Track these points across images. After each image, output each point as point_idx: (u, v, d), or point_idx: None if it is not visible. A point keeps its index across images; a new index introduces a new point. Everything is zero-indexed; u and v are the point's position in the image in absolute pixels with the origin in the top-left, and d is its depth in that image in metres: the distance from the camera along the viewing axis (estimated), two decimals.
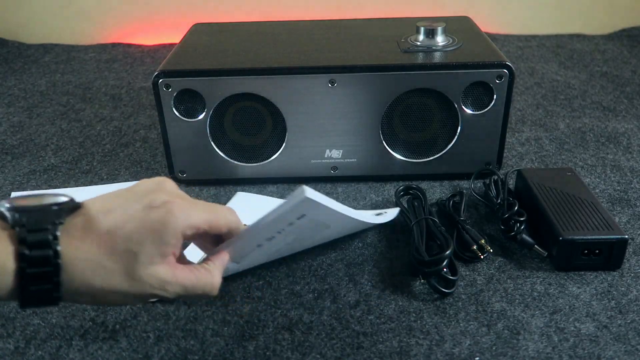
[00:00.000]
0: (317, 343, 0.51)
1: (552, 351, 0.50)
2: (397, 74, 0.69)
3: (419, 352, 0.50)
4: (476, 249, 0.61)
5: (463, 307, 0.55)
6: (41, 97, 1.09)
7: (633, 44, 1.30)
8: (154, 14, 1.41)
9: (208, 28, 0.88)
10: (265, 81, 0.70)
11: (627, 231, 0.65)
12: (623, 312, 0.54)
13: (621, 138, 0.87)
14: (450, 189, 0.74)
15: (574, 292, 0.56)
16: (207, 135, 0.73)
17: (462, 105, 0.71)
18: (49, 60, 1.30)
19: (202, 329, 0.53)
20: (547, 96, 1.03)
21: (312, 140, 0.74)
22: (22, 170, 0.82)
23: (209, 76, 0.69)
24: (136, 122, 0.97)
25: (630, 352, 0.49)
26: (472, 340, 0.51)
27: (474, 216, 0.69)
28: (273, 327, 0.53)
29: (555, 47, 1.30)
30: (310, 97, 0.71)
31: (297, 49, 0.76)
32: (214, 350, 0.51)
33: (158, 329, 0.53)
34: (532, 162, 0.81)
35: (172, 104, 0.71)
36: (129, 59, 1.29)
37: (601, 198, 0.72)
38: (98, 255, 0.37)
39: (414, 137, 0.74)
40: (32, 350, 0.51)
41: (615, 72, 1.13)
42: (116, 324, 0.54)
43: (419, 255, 0.57)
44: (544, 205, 0.62)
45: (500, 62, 0.69)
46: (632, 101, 1.00)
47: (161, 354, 0.51)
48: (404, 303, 0.56)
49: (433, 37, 0.75)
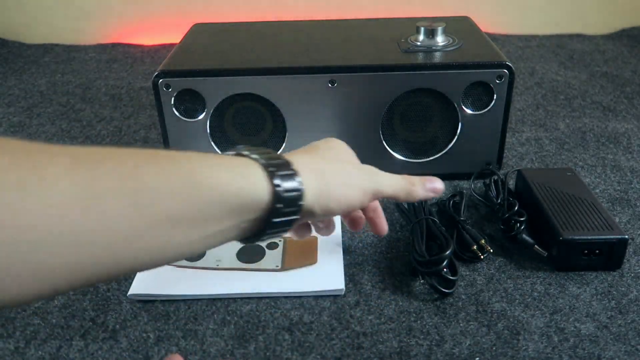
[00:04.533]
0: (317, 343, 0.51)
1: (552, 351, 0.50)
2: (397, 74, 0.69)
3: (419, 352, 0.50)
4: (476, 249, 0.61)
5: (463, 307, 0.55)
6: (41, 97, 1.09)
7: (633, 44, 1.30)
8: (154, 14, 1.41)
9: (208, 28, 0.88)
10: (265, 81, 0.70)
11: (627, 231, 0.65)
12: (623, 312, 0.54)
13: (621, 138, 0.87)
14: (450, 189, 0.74)
15: (574, 292, 0.56)
16: (207, 135, 0.73)
17: (462, 105, 0.71)
18: (49, 60, 1.30)
19: (202, 329, 0.53)
20: (547, 96, 1.03)
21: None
22: None
23: (209, 76, 0.69)
24: (136, 122, 0.97)
25: (630, 352, 0.49)
26: (472, 340, 0.51)
27: (474, 216, 0.69)
28: (273, 327, 0.53)
29: (555, 47, 1.30)
30: (310, 97, 0.71)
31: (297, 49, 0.76)
32: (214, 350, 0.51)
33: (158, 329, 0.53)
34: (532, 162, 0.81)
35: (172, 104, 0.71)
36: (129, 59, 1.29)
37: (601, 198, 0.72)
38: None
39: (414, 137, 0.74)
40: (32, 350, 0.51)
41: (615, 72, 1.13)
42: (116, 324, 0.54)
43: (419, 256, 0.57)
44: (544, 205, 0.62)
45: (500, 62, 0.69)
46: (632, 101, 1.00)
47: (161, 354, 0.51)
48: (404, 303, 0.56)
49: (433, 37, 0.75)
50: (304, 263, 0.60)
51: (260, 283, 0.58)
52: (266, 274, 0.59)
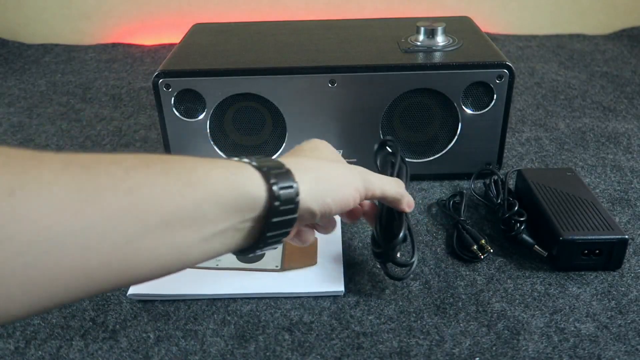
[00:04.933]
0: (317, 343, 0.51)
1: (552, 351, 0.50)
2: (397, 74, 0.69)
3: (419, 352, 0.50)
4: (476, 249, 0.61)
5: (463, 307, 0.55)
6: (41, 97, 1.08)
7: (633, 44, 1.30)
8: (154, 14, 1.41)
9: (208, 28, 0.88)
10: (265, 81, 0.70)
11: (627, 231, 0.65)
12: (623, 312, 0.54)
13: (621, 138, 0.87)
14: (450, 189, 0.74)
15: (574, 292, 0.56)
16: (207, 135, 0.73)
17: (462, 105, 0.71)
18: (49, 60, 1.30)
19: (202, 329, 0.53)
20: (547, 96, 1.03)
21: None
22: None
23: (209, 76, 0.69)
24: (136, 122, 0.97)
25: (630, 352, 0.49)
26: (472, 340, 0.51)
27: (474, 216, 0.69)
28: (273, 327, 0.53)
29: (555, 47, 1.30)
30: (310, 97, 0.71)
31: (297, 49, 0.76)
32: (214, 350, 0.51)
33: (158, 329, 0.53)
34: (532, 162, 0.81)
35: (172, 104, 0.71)
36: (129, 59, 1.29)
37: (601, 198, 0.72)
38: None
39: (414, 137, 0.74)
40: (32, 350, 0.51)
41: (616, 72, 1.13)
42: (116, 324, 0.54)
43: (375, 242, 0.55)
44: (544, 205, 0.62)
45: (500, 62, 0.69)
46: (632, 101, 1.00)
47: (161, 354, 0.51)
48: (404, 303, 0.56)
49: (433, 37, 0.75)
50: (303, 264, 0.60)
51: (260, 283, 0.58)
52: (266, 274, 0.59)
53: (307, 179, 0.40)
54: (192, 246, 0.33)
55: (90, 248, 0.28)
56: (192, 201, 0.33)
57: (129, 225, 0.29)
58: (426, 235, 0.65)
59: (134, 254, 0.30)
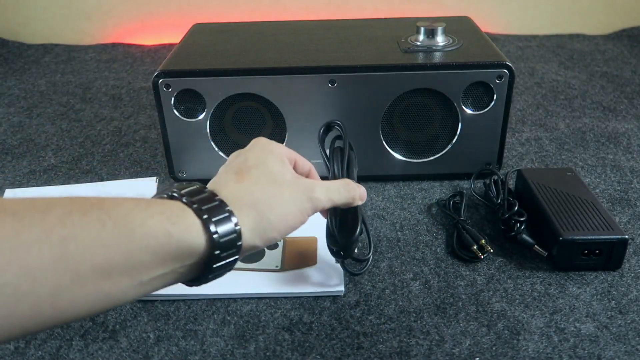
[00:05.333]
0: (317, 343, 0.51)
1: (552, 351, 0.50)
2: (397, 74, 0.69)
3: (419, 352, 0.50)
4: (476, 249, 0.61)
5: (463, 307, 0.55)
6: (41, 97, 1.09)
7: (633, 44, 1.30)
8: (154, 14, 1.41)
9: (208, 28, 0.88)
10: (265, 81, 0.70)
11: (627, 231, 0.65)
12: (623, 312, 0.54)
13: (621, 138, 0.87)
14: (450, 189, 0.74)
15: (574, 292, 0.56)
16: (207, 135, 0.73)
17: (462, 105, 0.71)
18: (49, 60, 1.30)
19: (202, 329, 0.53)
20: (547, 96, 1.03)
21: (312, 140, 0.73)
22: (22, 171, 0.82)
23: (209, 76, 0.69)
24: (136, 122, 0.97)
25: (630, 352, 0.49)
26: (472, 340, 0.51)
27: (474, 216, 0.69)
28: (273, 327, 0.53)
29: (555, 47, 1.30)
30: (310, 97, 0.71)
31: (297, 49, 0.76)
32: (213, 351, 0.51)
33: (158, 329, 0.53)
34: (532, 162, 0.81)
35: (172, 104, 0.71)
36: (129, 59, 1.29)
37: (601, 198, 0.72)
38: None
39: (414, 137, 0.74)
40: (32, 350, 0.51)
41: (615, 72, 1.13)
42: (116, 324, 0.54)
43: (332, 238, 0.55)
44: (544, 205, 0.62)
45: (500, 62, 0.69)
46: (632, 101, 1.00)
47: (161, 354, 0.51)
48: (404, 303, 0.56)
49: (433, 37, 0.75)
50: (303, 264, 0.60)
51: (260, 283, 0.58)
52: (266, 274, 0.59)
53: (248, 220, 0.39)
54: (127, 291, 0.33)
55: (21, 295, 0.28)
56: (128, 251, 0.32)
57: (60, 275, 0.29)
58: (426, 235, 0.65)
59: (68, 300, 0.30)
